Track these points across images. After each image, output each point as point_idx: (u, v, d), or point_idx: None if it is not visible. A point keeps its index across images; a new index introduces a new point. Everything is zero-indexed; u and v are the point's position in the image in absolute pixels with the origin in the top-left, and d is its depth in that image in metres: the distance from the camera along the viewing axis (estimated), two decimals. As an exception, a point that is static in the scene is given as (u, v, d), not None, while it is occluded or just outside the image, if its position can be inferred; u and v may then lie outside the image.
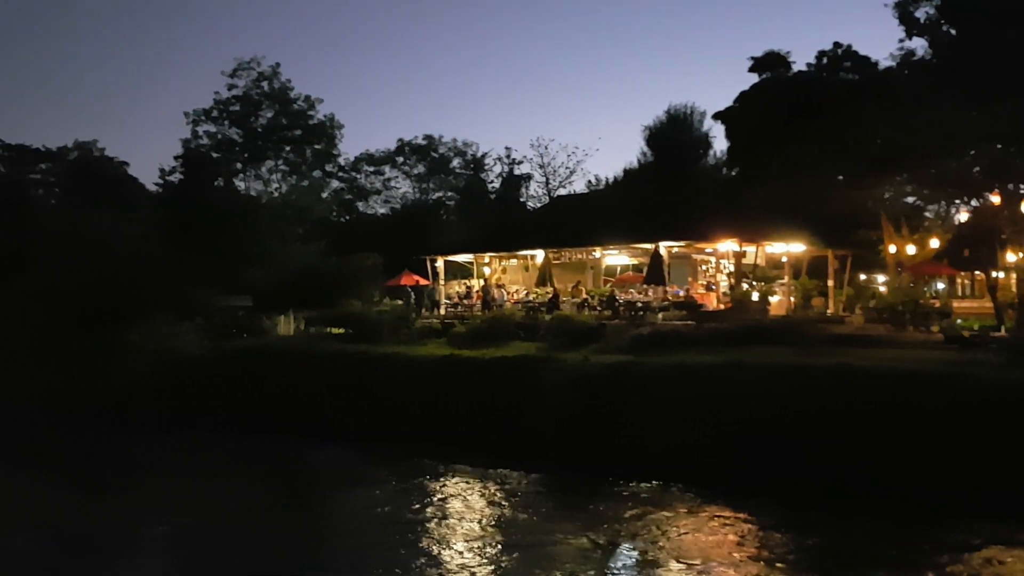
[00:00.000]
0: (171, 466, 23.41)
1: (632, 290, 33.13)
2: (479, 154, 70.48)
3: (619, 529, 16.05)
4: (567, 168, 61.12)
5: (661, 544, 15.06)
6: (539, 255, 35.54)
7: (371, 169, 71.21)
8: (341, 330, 32.80)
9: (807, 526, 15.63)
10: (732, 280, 31.88)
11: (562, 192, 60.16)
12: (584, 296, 33.22)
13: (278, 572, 14.41)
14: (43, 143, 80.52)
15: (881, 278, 42.43)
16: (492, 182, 68.88)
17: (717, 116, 45.42)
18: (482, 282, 37.56)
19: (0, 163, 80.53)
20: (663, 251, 31.04)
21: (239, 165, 63.38)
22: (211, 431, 27.41)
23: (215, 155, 61.08)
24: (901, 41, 36.88)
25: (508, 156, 67.06)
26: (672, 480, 19.05)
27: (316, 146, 65.81)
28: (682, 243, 32.24)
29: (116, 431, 29.14)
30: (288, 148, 64.67)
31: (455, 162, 71.74)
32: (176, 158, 57.48)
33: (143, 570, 14.80)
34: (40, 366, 35.19)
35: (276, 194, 62.43)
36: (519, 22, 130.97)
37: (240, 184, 61.89)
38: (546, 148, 61.10)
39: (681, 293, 31.82)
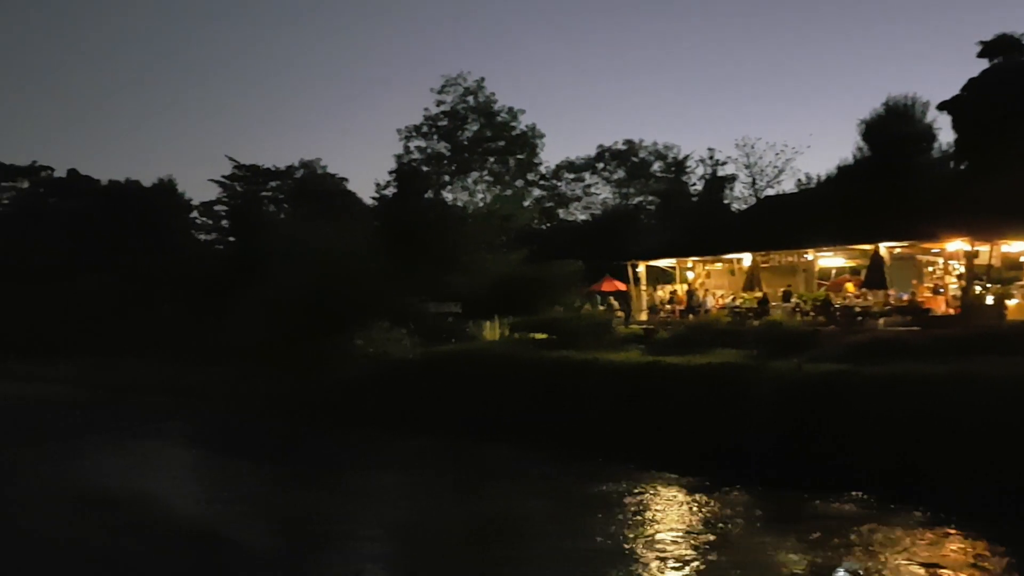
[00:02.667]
0: (389, 465, 24.73)
1: (849, 294, 31.24)
2: (680, 157, 69.36)
3: (836, 548, 15.10)
4: (775, 167, 58.67)
5: (884, 566, 14.01)
6: (746, 258, 34.34)
7: (571, 176, 71.87)
8: (544, 335, 33.26)
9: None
10: (963, 282, 29.28)
11: (770, 192, 57.80)
12: (796, 301, 31.71)
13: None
14: (273, 163, 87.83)
15: None
16: (694, 185, 67.36)
17: (943, 106, 41.75)
18: (685, 287, 36.81)
19: (236, 182, 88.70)
20: (883, 252, 29.05)
21: (447, 177, 65.99)
22: (423, 433, 28.62)
23: (425, 169, 63.93)
24: None
25: (711, 157, 65.31)
26: (894, 499, 17.66)
27: (519, 156, 67.30)
28: (905, 243, 30.03)
29: (339, 431, 31.10)
30: (492, 159, 66.59)
31: (655, 166, 70.92)
32: (390, 173, 60.80)
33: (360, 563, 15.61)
34: (270, 367, 38.38)
35: (481, 204, 64.39)
36: (720, 19, 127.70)
37: (448, 195, 64.44)
38: (752, 147, 58.98)
39: (904, 297, 29.60)
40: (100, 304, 56.37)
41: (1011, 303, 28.90)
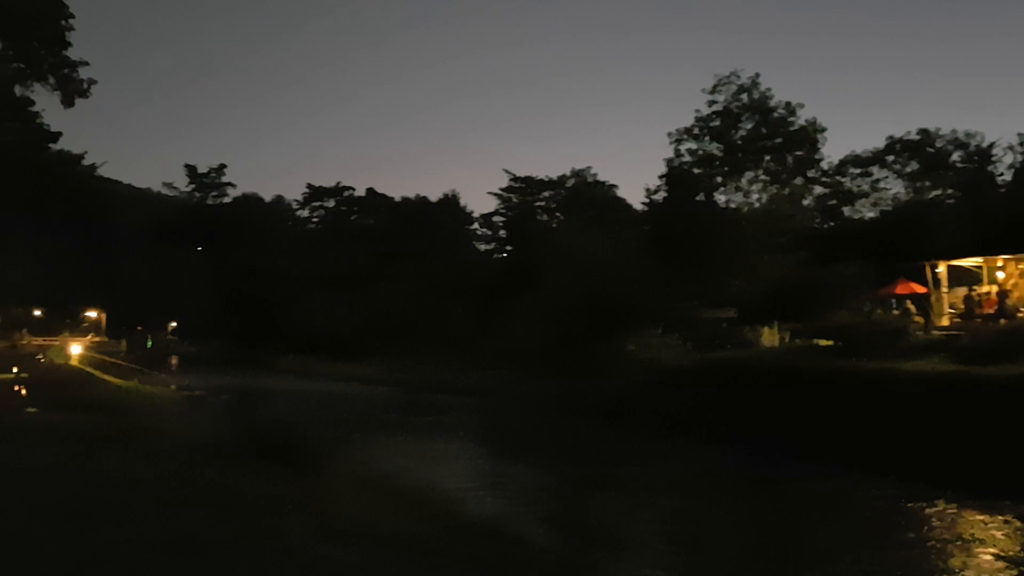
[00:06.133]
0: (658, 470, 24.43)
1: None
2: (985, 144, 62.70)
3: None
4: (1108, 150, 51.21)
5: None
6: (1073, 255, 30.12)
7: (857, 171, 67.30)
8: (829, 342, 31.26)
9: None
10: None
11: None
12: None
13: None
14: (546, 173, 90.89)
15: None
16: (1001, 175, 60.72)
17: None
18: (996, 288, 32.94)
19: (513, 194, 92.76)
20: None
21: (720, 179, 64.33)
22: (696, 441, 27.94)
23: (696, 171, 62.79)
24: None
25: (1022, 143, 58.51)
26: None
27: (797, 153, 64.06)
28: None
29: (611, 434, 31.23)
30: (768, 157, 63.90)
31: (955, 156, 64.65)
32: (660, 177, 60.42)
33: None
34: (546, 370, 39.49)
35: (756, 205, 62.09)
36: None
37: (721, 197, 62.82)
38: (1076, 129, 51.84)
39: None
40: (394, 311, 61.24)
41: None
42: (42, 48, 44.48)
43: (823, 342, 31.77)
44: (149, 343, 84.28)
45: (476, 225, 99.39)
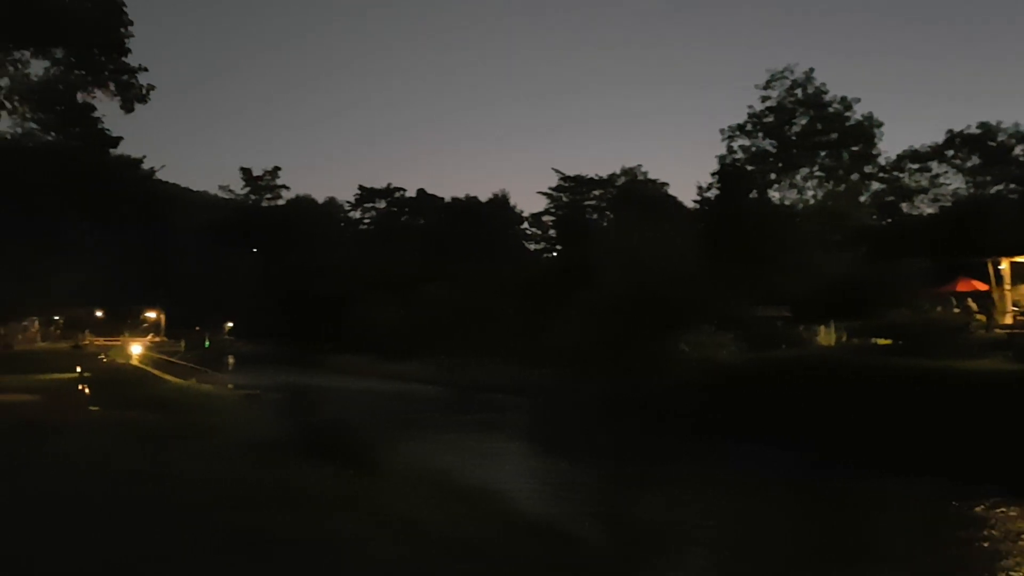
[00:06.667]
0: (710, 469, 24.17)
1: None
2: (1050, 137, 60.81)
3: None
4: None
5: None
6: None
7: (915, 166, 65.73)
8: (886, 341, 30.62)
9: None
10: None
11: None
12: None
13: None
14: (596, 172, 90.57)
15: None
16: (1069, 168, 58.79)
17: None
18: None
19: (562, 193, 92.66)
20: None
21: (773, 175, 63.35)
22: (750, 440, 27.62)
23: (750, 168, 61.90)
24: None
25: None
26: None
27: (853, 148, 62.75)
28: None
29: (662, 433, 31.00)
30: (823, 153, 62.72)
31: (1017, 150, 62.79)
32: (712, 174, 59.73)
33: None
34: (596, 369, 39.35)
35: (811, 201, 61.04)
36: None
37: (775, 194, 61.85)
38: None
39: None
40: (445, 310, 61.66)
41: None
42: (102, 55, 45.47)
43: (881, 341, 31.14)
44: (207, 343, 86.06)
45: (526, 225, 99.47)
